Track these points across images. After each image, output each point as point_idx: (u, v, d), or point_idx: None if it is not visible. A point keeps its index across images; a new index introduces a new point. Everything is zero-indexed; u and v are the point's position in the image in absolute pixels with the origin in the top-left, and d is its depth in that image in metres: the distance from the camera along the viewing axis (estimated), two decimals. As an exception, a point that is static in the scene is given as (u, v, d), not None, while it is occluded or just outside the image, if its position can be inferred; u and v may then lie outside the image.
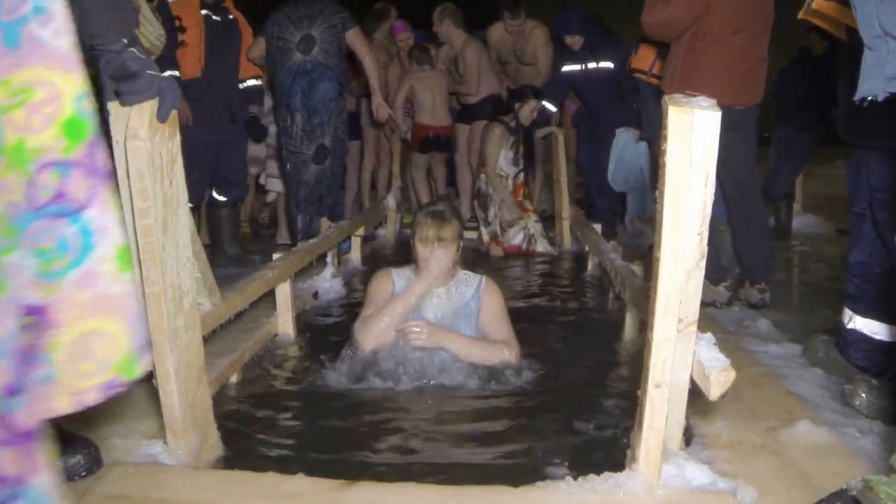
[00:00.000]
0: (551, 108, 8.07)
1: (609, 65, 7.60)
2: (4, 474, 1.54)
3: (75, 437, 2.59)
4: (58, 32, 1.60)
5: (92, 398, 1.67)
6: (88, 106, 1.61)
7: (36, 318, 1.60)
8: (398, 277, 3.96)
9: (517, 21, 7.85)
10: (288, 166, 6.53)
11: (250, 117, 6.96)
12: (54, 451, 1.64)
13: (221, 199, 6.72)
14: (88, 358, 1.65)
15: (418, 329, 3.67)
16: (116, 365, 1.68)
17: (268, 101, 7.45)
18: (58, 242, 1.61)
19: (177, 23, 5.93)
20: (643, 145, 7.50)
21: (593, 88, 7.81)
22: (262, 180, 8.14)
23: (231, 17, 6.49)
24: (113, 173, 1.69)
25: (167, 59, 5.49)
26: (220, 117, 6.36)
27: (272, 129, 7.47)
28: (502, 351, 3.83)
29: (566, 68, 7.91)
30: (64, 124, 1.60)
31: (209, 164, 6.43)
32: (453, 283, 3.95)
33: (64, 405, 1.65)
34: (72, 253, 1.62)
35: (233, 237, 6.86)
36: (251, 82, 6.84)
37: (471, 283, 3.99)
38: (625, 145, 7.60)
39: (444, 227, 3.82)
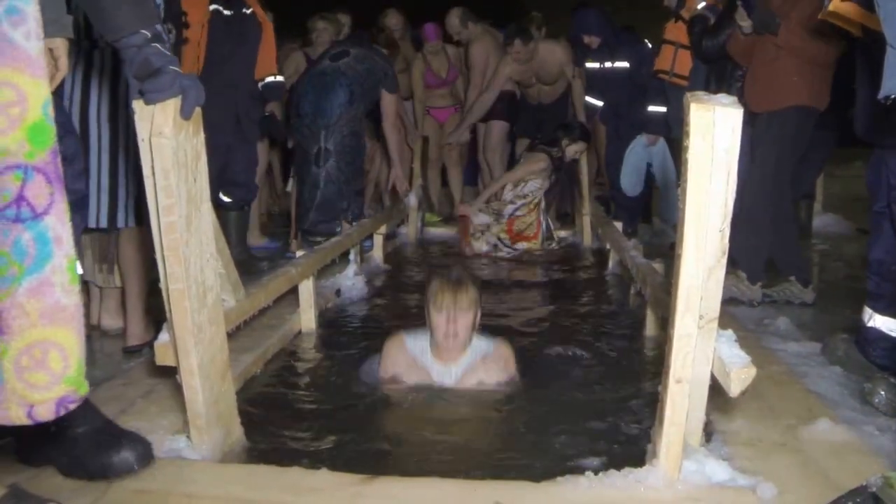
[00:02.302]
0: (597, 102, 8.08)
1: (625, 64, 7.63)
2: None
3: (125, 432, 2.61)
4: (29, 35, 1.61)
5: (44, 413, 1.71)
6: (53, 113, 1.63)
7: None
8: (413, 344, 3.76)
9: (513, 49, 7.82)
10: (300, 165, 6.69)
11: (266, 115, 6.71)
12: None
13: (227, 200, 6.44)
14: (41, 369, 1.67)
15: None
16: (69, 379, 1.71)
17: None
18: (13, 247, 1.62)
19: (183, 18, 5.53)
20: (659, 147, 7.52)
21: (611, 87, 7.83)
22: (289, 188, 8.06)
23: (248, 11, 6.22)
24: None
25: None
26: (223, 118, 6.06)
27: None
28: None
29: (587, 65, 7.94)
30: (29, 128, 1.61)
31: (214, 166, 6.13)
32: (467, 354, 3.70)
33: (16, 415, 1.68)
34: (28, 260, 1.62)
35: (240, 239, 6.60)
36: (270, 79, 6.58)
37: (479, 351, 3.72)
38: (632, 148, 7.62)
39: (461, 294, 3.61)
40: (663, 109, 7.24)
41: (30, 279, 1.63)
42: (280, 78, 6.71)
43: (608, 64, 7.70)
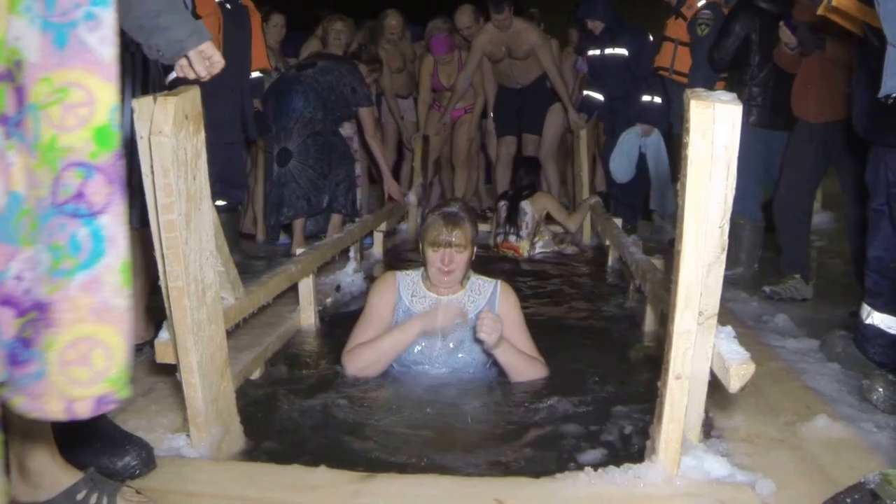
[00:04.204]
0: (598, 97, 8.06)
1: (623, 51, 7.61)
2: None
3: (129, 436, 2.62)
4: (104, 40, 1.67)
5: (84, 410, 1.72)
6: (119, 118, 1.69)
7: (39, 313, 1.66)
8: (403, 285, 3.77)
9: (501, 16, 7.85)
10: (267, 167, 6.86)
11: (257, 112, 6.52)
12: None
13: (221, 203, 6.04)
14: (84, 364, 1.70)
15: (491, 324, 3.39)
16: (111, 379, 1.73)
17: None
18: (69, 241, 1.67)
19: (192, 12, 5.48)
20: (653, 139, 7.52)
21: (608, 74, 7.79)
22: None
23: (240, 1, 6.10)
24: (126, 186, 1.76)
25: None
26: (232, 116, 5.97)
27: None
28: (539, 369, 3.61)
29: (589, 52, 7.94)
30: (96, 129, 1.66)
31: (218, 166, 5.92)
32: (465, 292, 3.73)
33: (55, 410, 1.70)
34: (82, 255, 1.68)
35: (233, 240, 6.17)
36: (255, 74, 6.46)
37: (484, 292, 3.73)
38: (625, 135, 7.62)
39: (457, 230, 3.58)
40: (658, 100, 7.26)
41: (82, 274, 1.68)
42: (262, 74, 6.67)
43: (608, 50, 7.68)
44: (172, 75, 2.65)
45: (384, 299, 3.73)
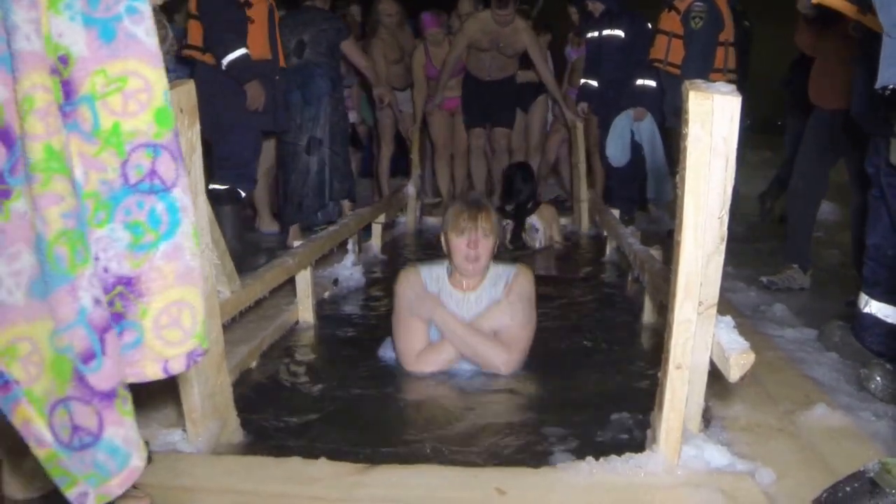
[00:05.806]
0: (594, 83, 7.97)
1: (619, 33, 7.57)
2: (82, 425, 1.71)
3: None
4: (149, 32, 1.83)
5: (177, 367, 1.93)
6: (171, 99, 1.86)
7: (126, 287, 1.83)
8: (429, 280, 3.69)
9: (504, 12, 7.78)
10: (285, 158, 6.80)
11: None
12: (132, 409, 1.82)
13: (242, 194, 6.05)
14: (175, 326, 1.89)
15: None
16: (197, 334, 1.93)
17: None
18: (148, 216, 1.84)
19: None
20: (646, 124, 7.50)
21: (604, 58, 7.73)
22: None
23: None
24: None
25: (237, 33, 5.41)
26: (268, 106, 5.83)
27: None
28: (497, 354, 3.53)
29: (588, 35, 7.91)
30: (156, 111, 1.83)
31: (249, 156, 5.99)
32: (486, 282, 3.67)
33: (152, 372, 1.90)
34: (162, 227, 1.86)
35: (236, 234, 6.01)
36: None
37: (500, 279, 3.66)
38: (619, 118, 7.58)
39: (482, 213, 3.54)
40: (652, 84, 7.25)
41: (165, 244, 1.85)
42: None
43: (606, 32, 7.64)
44: None
45: (413, 292, 3.63)
